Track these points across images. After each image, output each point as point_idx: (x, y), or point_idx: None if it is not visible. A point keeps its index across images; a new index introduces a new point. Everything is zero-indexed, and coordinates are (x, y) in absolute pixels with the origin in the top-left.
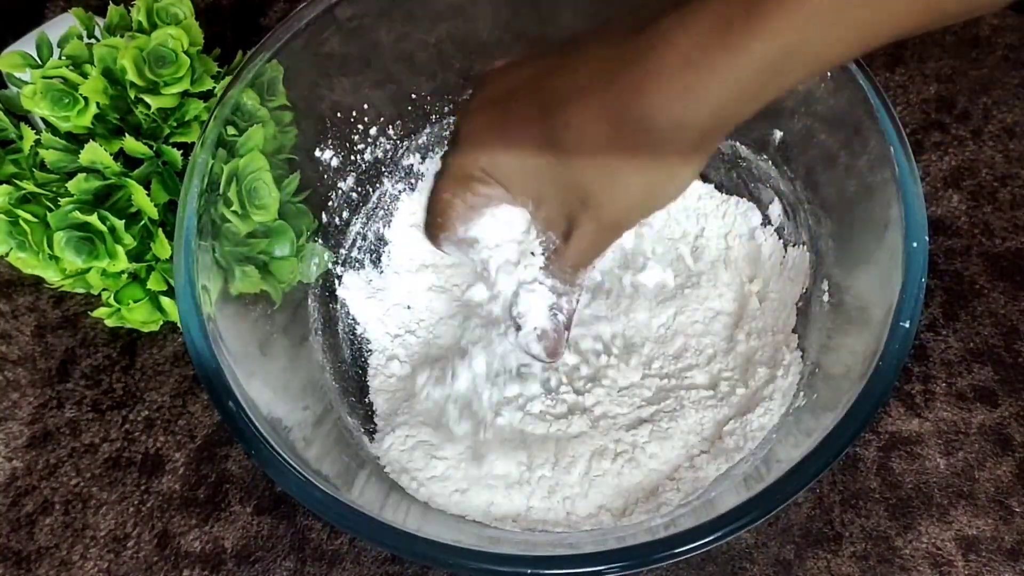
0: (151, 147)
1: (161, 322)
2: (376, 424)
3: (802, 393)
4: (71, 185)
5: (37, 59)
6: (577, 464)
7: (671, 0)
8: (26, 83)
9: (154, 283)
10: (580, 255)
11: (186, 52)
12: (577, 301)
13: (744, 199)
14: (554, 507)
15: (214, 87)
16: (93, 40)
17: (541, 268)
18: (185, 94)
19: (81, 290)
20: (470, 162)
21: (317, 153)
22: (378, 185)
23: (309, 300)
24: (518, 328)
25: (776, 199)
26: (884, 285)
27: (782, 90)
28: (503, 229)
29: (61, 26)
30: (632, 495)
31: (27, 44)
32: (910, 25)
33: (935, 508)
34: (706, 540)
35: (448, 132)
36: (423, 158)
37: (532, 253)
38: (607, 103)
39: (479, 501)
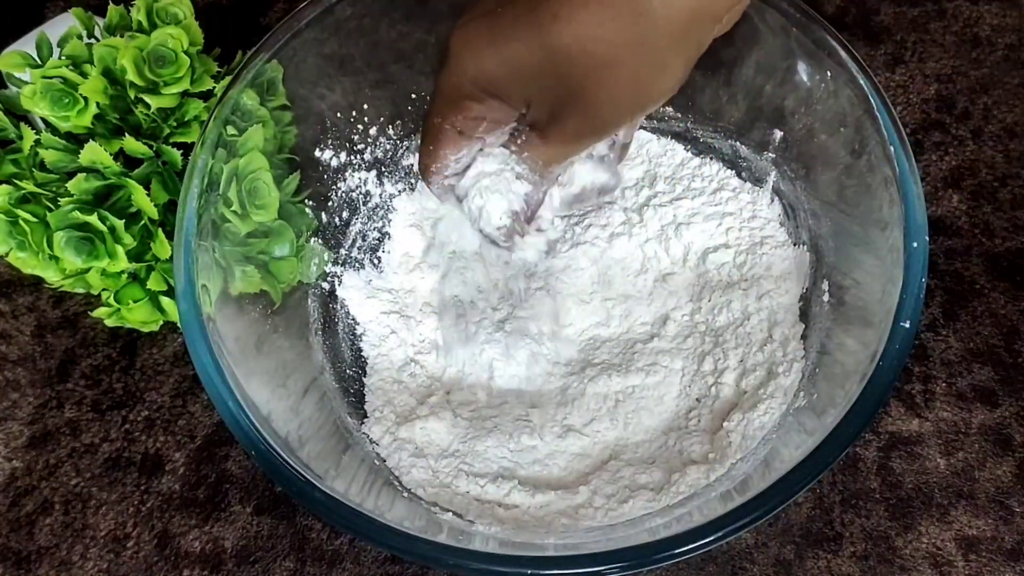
0: (151, 147)
1: (161, 322)
2: (375, 423)
3: (802, 393)
4: (71, 185)
5: (37, 59)
6: (579, 462)
7: None
8: (26, 83)
9: (154, 283)
10: (559, 152)
11: (186, 52)
12: (544, 194)
13: (745, 196)
14: (555, 501)
15: (214, 87)
16: (93, 40)
17: (512, 151)
18: (185, 94)
19: (81, 290)
20: (460, 79)
21: (317, 153)
22: (378, 185)
23: (309, 300)
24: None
25: (776, 199)
26: (884, 285)
27: None
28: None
29: (61, 26)
30: (629, 492)
31: (27, 44)
32: None
33: (935, 508)
34: (706, 540)
35: None
36: None
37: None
38: None
39: (481, 498)
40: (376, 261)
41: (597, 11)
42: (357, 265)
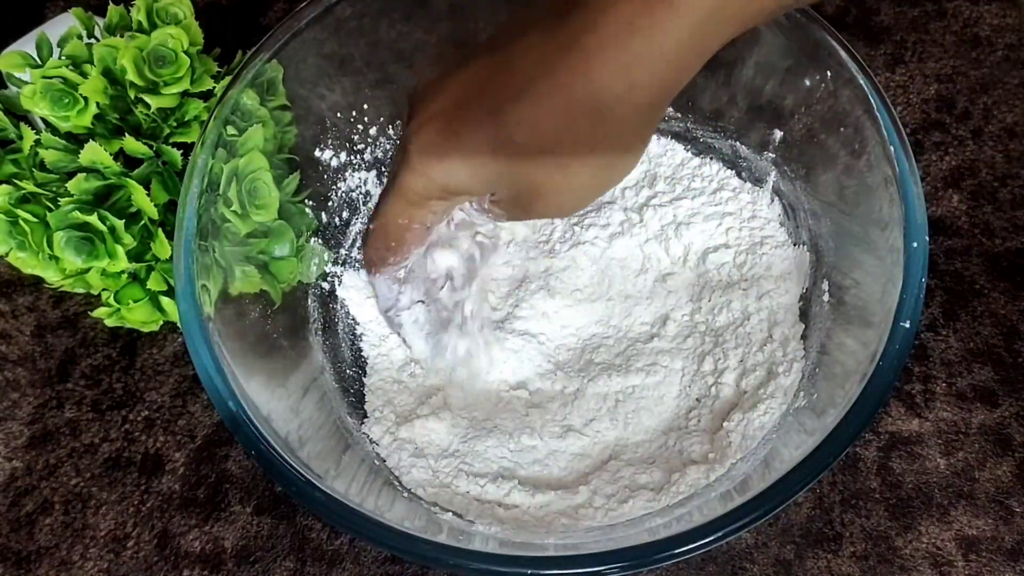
0: (151, 147)
1: (161, 322)
2: (375, 423)
3: (802, 393)
4: (71, 185)
5: (37, 59)
6: (579, 462)
7: None
8: (26, 83)
9: (154, 283)
10: (517, 219)
11: (186, 52)
12: (480, 266)
13: (745, 196)
14: (555, 501)
15: (214, 87)
16: (93, 40)
17: (474, 208)
18: (185, 94)
19: (81, 290)
20: (426, 181)
21: (317, 153)
22: (378, 185)
23: (309, 300)
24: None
25: (776, 199)
26: (884, 285)
27: (722, 42)
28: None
29: (61, 26)
30: (629, 492)
31: (27, 44)
32: None
33: (935, 508)
34: (706, 540)
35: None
36: None
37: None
38: (553, 93)
39: (481, 498)
40: None
41: (558, 118)
42: (357, 265)
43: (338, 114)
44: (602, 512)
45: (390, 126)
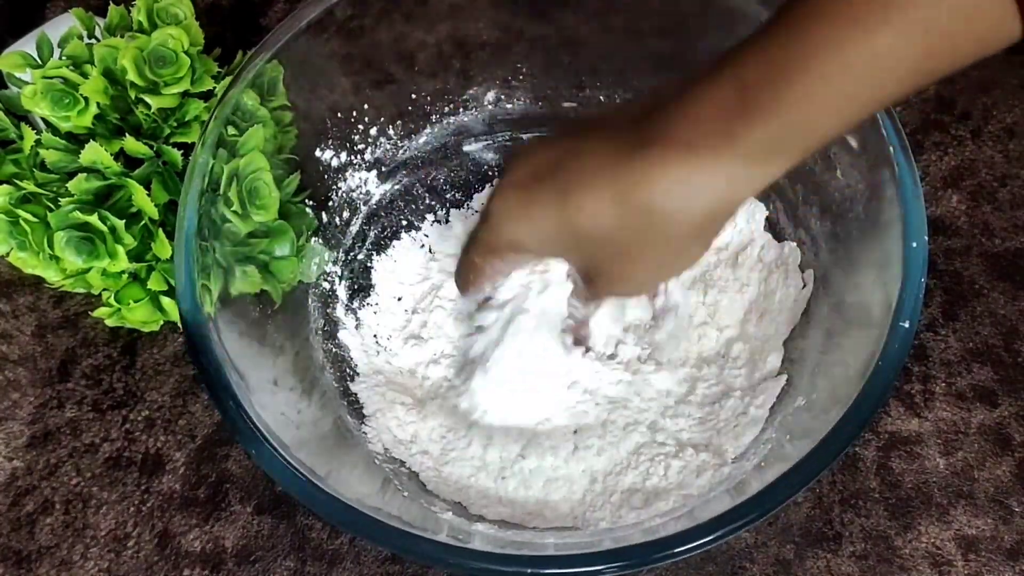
0: (151, 147)
1: (161, 322)
2: (375, 423)
3: (802, 393)
4: (71, 185)
5: (37, 59)
6: (571, 457)
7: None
8: (26, 83)
9: (154, 283)
10: (596, 301)
11: (186, 52)
12: (595, 308)
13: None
14: (555, 496)
15: (214, 87)
16: (93, 40)
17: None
18: (185, 94)
19: (81, 290)
20: (498, 237)
21: (317, 153)
22: (378, 185)
23: (309, 300)
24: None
25: (775, 200)
26: (884, 285)
27: (785, 167)
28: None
29: (61, 26)
30: (628, 491)
31: (27, 44)
32: (912, 85)
33: (935, 508)
34: (706, 540)
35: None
36: None
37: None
38: (615, 191)
39: (478, 493)
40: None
41: (616, 214)
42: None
43: (338, 114)
44: (606, 511)
45: (390, 126)
